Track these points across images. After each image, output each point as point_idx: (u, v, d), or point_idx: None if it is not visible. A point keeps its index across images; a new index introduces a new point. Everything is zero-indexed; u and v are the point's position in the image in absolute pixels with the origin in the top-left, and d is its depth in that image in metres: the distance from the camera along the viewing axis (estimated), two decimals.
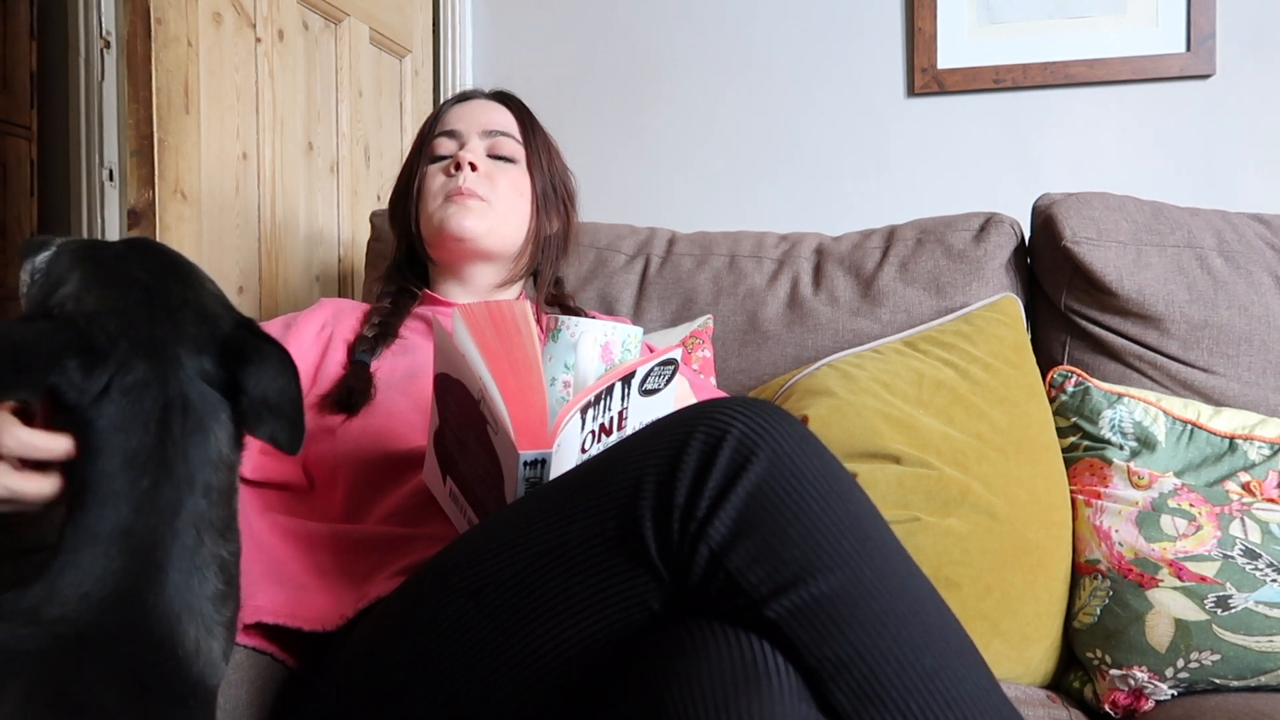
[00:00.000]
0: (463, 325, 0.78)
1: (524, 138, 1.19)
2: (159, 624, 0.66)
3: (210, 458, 0.71)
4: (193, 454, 0.70)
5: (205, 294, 0.75)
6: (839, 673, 0.62)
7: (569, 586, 0.67)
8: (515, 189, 1.17)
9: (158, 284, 0.72)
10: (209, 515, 0.71)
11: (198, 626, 0.68)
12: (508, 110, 1.21)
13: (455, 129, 1.19)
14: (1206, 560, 1.08)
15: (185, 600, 0.68)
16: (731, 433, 0.65)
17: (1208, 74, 1.76)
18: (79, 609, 0.63)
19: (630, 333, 0.87)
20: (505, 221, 1.16)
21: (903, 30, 1.90)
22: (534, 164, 1.19)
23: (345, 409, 1.04)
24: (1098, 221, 1.32)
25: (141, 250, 0.75)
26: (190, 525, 0.69)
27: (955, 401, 1.22)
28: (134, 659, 0.64)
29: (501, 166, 1.17)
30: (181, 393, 0.70)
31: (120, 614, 0.64)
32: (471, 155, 1.15)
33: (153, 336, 0.70)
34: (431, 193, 1.17)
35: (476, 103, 1.22)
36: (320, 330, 1.15)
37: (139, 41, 1.41)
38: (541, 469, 0.75)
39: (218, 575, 0.71)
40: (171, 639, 0.66)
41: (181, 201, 1.44)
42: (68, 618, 0.63)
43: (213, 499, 0.71)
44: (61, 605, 0.63)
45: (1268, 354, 1.28)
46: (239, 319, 0.75)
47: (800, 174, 1.95)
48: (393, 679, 0.73)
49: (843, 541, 0.64)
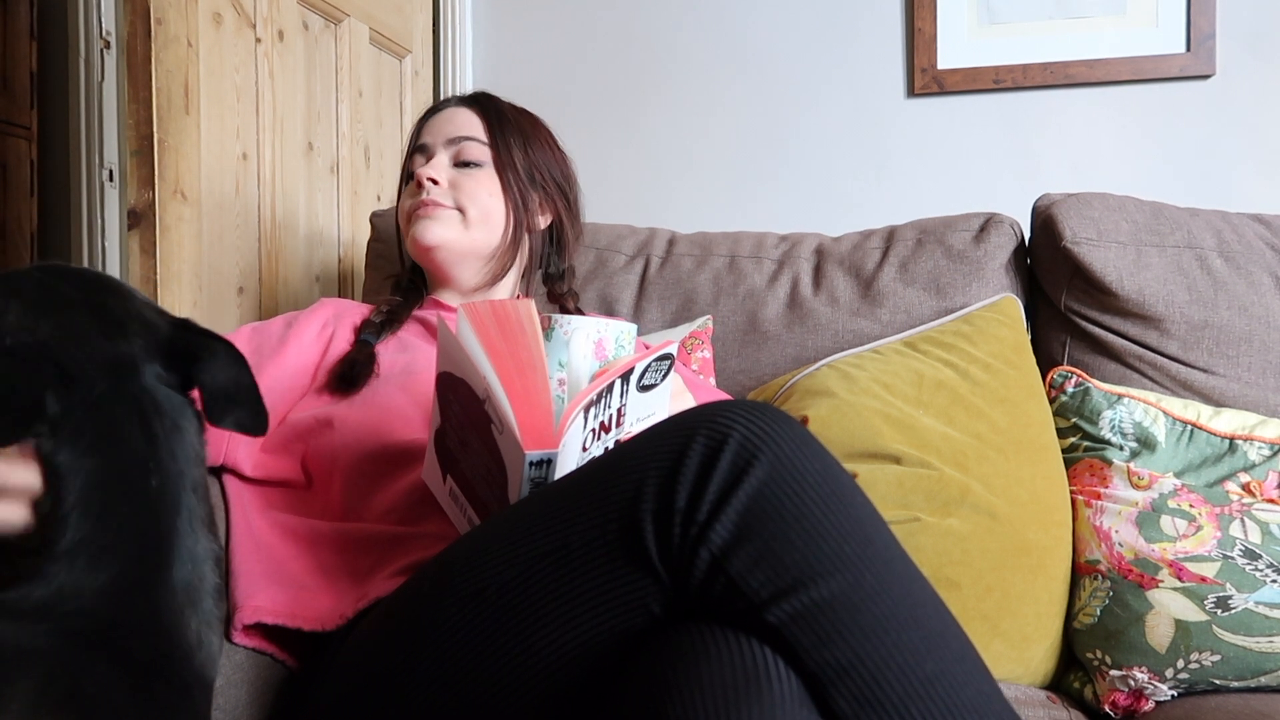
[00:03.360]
0: (467, 324, 0.78)
1: (490, 137, 1.19)
2: (166, 615, 0.68)
3: (190, 454, 0.74)
4: (178, 452, 0.73)
5: (138, 303, 0.77)
6: (840, 678, 0.62)
7: (570, 589, 0.67)
8: (483, 191, 1.17)
9: (96, 301, 0.74)
10: (199, 511, 0.73)
11: (199, 620, 0.70)
12: (474, 113, 1.21)
13: (425, 143, 1.21)
14: (1206, 561, 1.08)
15: (188, 595, 0.70)
16: (733, 436, 0.65)
17: (1208, 74, 1.76)
18: (93, 603, 0.65)
19: (623, 329, 0.88)
20: (474, 225, 1.17)
21: (903, 30, 1.90)
22: (503, 162, 1.19)
23: (348, 383, 1.06)
24: (1098, 222, 1.32)
25: (61, 273, 0.77)
26: (188, 522, 0.72)
27: (955, 402, 1.22)
28: (144, 650, 0.66)
29: (467, 173, 1.18)
30: (151, 398, 0.72)
31: (131, 607, 0.66)
32: (431, 170, 1.16)
33: (112, 352, 0.72)
34: (404, 211, 1.21)
35: (445, 113, 1.23)
36: (322, 329, 1.15)
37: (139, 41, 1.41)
38: (547, 469, 0.75)
39: (214, 570, 0.73)
40: (177, 631, 0.69)
41: (181, 201, 1.44)
42: (82, 611, 0.64)
43: (199, 495, 0.74)
44: (75, 600, 0.65)
45: (1268, 354, 1.28)
46: (174, 321, 0.78)
47: (800, 174, 1.95)
48: (393, 680, 0.73)
49: (844, 546, 0.64)
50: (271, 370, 1.07)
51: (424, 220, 1.16)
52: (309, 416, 1.05)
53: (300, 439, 1.05)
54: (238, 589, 0.90)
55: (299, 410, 1.08)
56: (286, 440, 1.05)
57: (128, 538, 0.68)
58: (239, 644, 0.87)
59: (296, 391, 1.10)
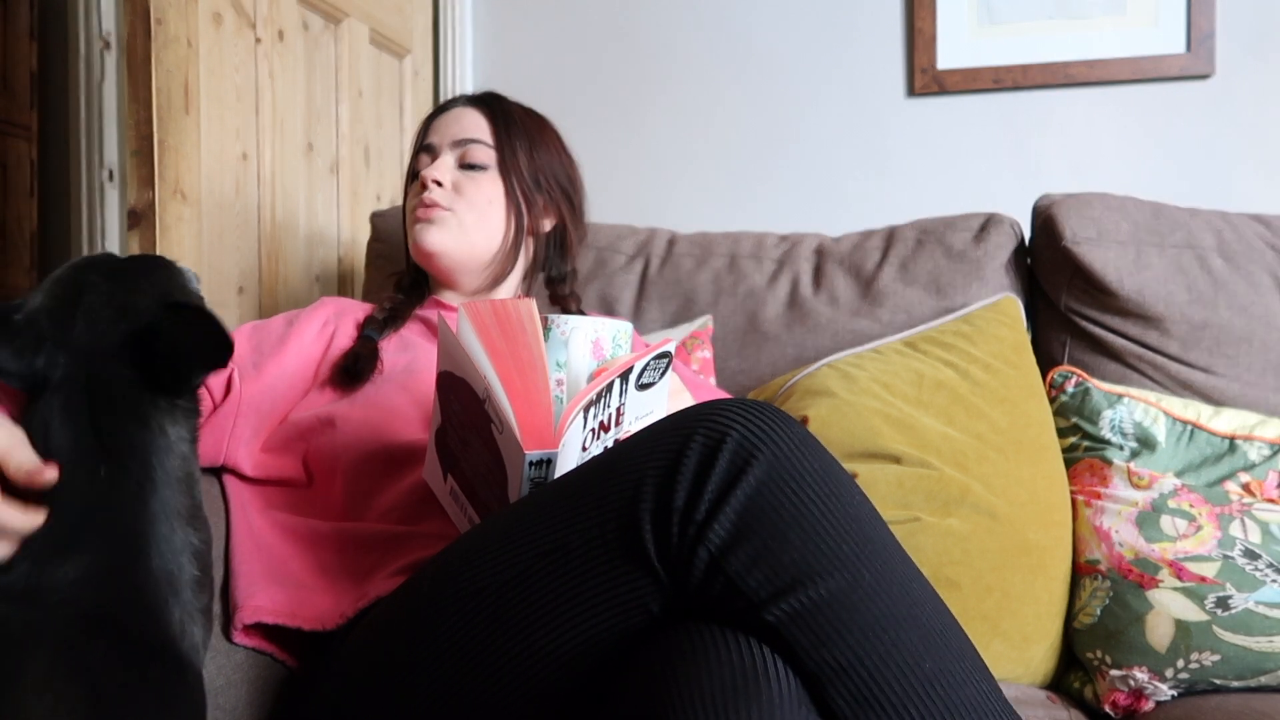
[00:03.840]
0: (468, 323, 0.78)
1: (496, 140, 1.19)
2: (150, 603, 0.69)
3: (158, 446, 0.74)
4: (139, 442, 0.73)
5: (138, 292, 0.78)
6: (838, 677, 0.62)
7: (569, 588, 0.67)
8: (484, 196, 1.17)
9: (91, 285, 0.76)
10: (174, 504, 0.74)
11: (181, 610, 0.72)
12: (481, 114, 1.21)
13: (430, 143, 1.21)
14: (1206, 561, 1.08)
15: (169, 584, 0.71)
16: (731, 435, 0.65)
17: (1207, 74, 1.76)
18: (74, 592, 0.66)
19: (620, 327, 0.88)
20: (473, 230, 1.17)
21: (903, 30, 1.90)
22: (508, 166, 1.18)
23: (352, 377, 1.06)
24: (1098, 222, 1.32)
25: (98, 261, 0.80)
26: (162, 514, 0.73)
27: (955, 402, 1.22)
28: (136, 633, 0.67)
29: (470, 176, 1.18)
30: (104, 386, 0.73)
31: (113, 595, 0.68)
32: (436, 172, 1.16)
33: (86, 338, 0.74)
34: (408, 210, 1.21)
35: (452, 112, 1.23)
36: (323, 327, 1.15)
37: (139, 42, 1.41)
38: (547, 469, 0.75)
39: (193, 562, 0.74)
40: (163, 618, 0.70)
41: (181, 202, 1.44)
42: (66, 600, 0.66)
43: (174, 488, 0.74)
44: (55, 591, 0.66)
45: (1268, 354, 1.28)
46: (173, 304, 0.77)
47: (800, 174, 1.95)
48: (393, 679, 0.73)
49: (842, 545, 0.64)
50: (272, 369, 1.07)
51: (424, 224, 1.16)
52: (310, 416, 1.05)
53: (301, 438, 1.05)
54: (238, 589, 0.90)
55: (301, 409, 1.08)
56: (288, 439, 1.05)
57: (89, 528, 0.69)
58: (239, 644, 0.87)
59: (298, 390, 1.10)
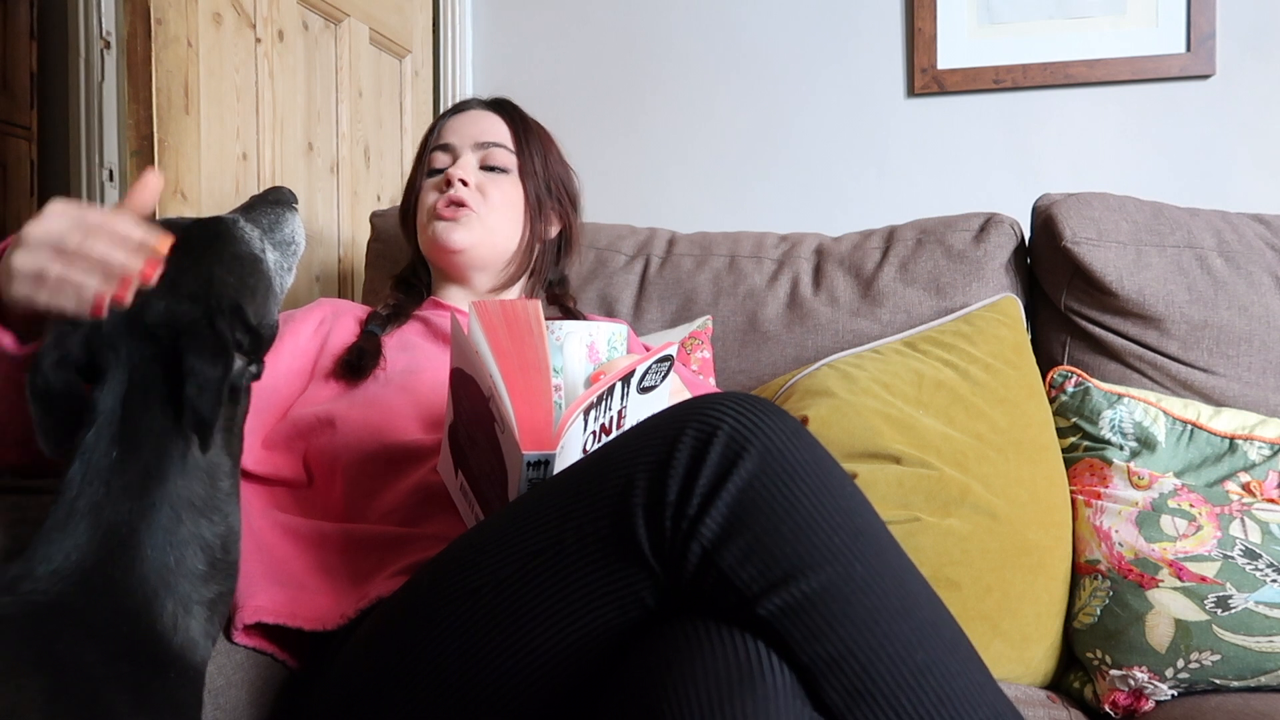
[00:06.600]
0: (477, 322, 0.79)
1: (516, 145, 1.22)
2: (130, 598, 0.67)
3: (177, 434, 0.72)
4: (159, 429, 0.71)
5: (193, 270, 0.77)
6: (831, 670, 0.62)
7: (564, 585, 0.67)
8: (506, 200, 1.20)
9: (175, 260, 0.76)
10: (186, 493, 0.71)
11: (175, 603, 0.69)
12: (501, 119, 1.23)
13: (449, 142, 1.22)
14: (1206, 560, 1.08)
15: (162, 577, 0.69)
16: (722, 429, 0.65)
17: (1207, 74, 1.76)
18: (49, 583, 0.65)
19: (615, 330, 0.88)
20: (495, 232, 1.19)
21: (902, 30, 1.90)
22: (527, 171, 1.21)
23: (356, 371, 1.07)
24: (1098, 222, 1.32)
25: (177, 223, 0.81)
26: (166, 503, 0.70)
27: (955, 402, 1.22)
28: (106, 629, 0.65)
29: (493, 178, 1.20)
30: (147, 365, 0.72)
31: (86, 588, 0.66)
32: (462, 171, 1.18)
33: (133, 314, 0.73)
34: (426, 207, 1.22)
35: (471, 114, 1.24)
36: (318, 326, 1.16)
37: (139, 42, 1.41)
38: (545, 470, 0.75)
39: (198, 554, 0.72)
40: (149, 613, 0.68)
41: (181, 202, 1.44)
42: (40, 590, 0.65)
43: (190, 477, 0.72)
44: (33, 581, 0.65)
45: (1268, 354, 1.28)
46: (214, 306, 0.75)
47: (800, 174, 1.95)
48: (393, 679, 0.73)
49: (834, 538, 0.64)
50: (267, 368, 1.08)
51: (449, 223, 1.17)
52: (310, 415, 1.05)
53: (301, 437, 1.05)
54: (238, 589, 0.90)
55: (301, 404, 1.08)
56: (289, 437, 1.06)
57: (88, 517, 0.68)
58: (239, 644, 0.87)
59: (295, 387, 1.10)
